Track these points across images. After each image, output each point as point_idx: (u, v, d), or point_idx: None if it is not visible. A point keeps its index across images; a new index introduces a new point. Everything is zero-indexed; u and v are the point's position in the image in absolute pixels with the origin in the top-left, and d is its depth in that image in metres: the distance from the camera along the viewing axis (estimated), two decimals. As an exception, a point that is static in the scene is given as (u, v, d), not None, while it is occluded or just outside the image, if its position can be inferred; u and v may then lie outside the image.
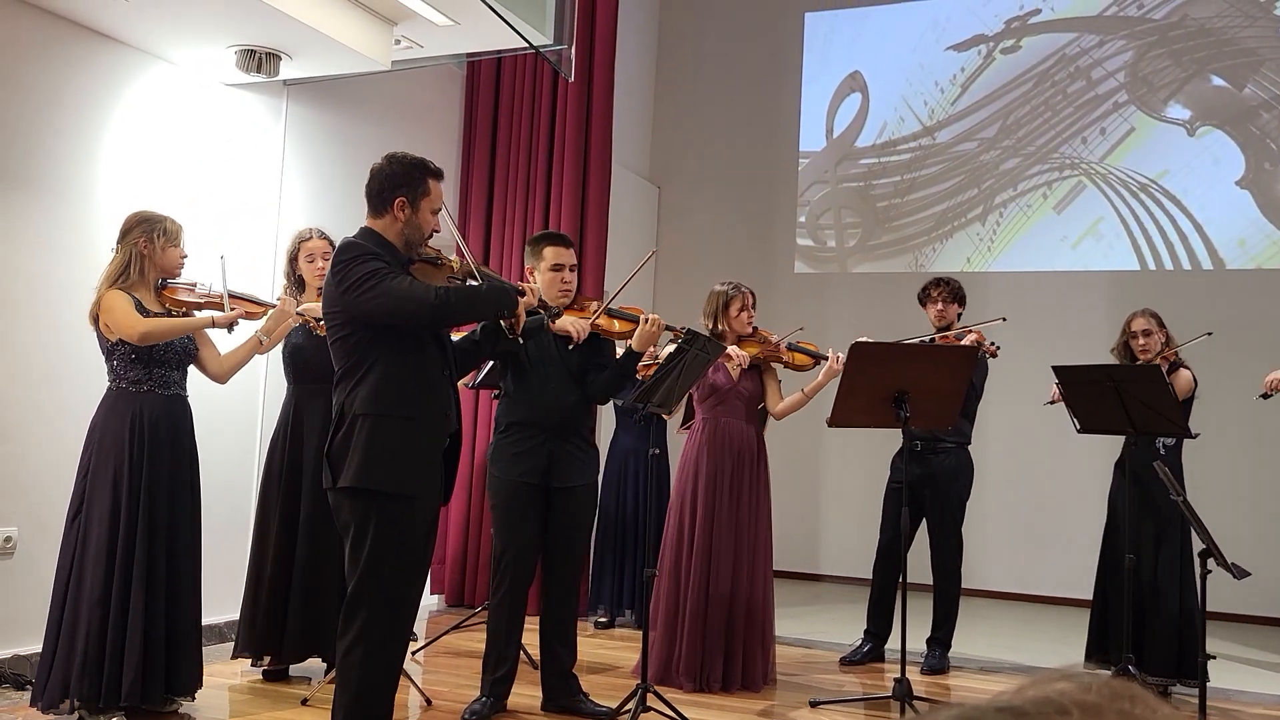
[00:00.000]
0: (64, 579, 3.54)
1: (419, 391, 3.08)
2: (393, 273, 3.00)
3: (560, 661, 4.00)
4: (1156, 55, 7.41)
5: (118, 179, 4.56)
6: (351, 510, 3.01)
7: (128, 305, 3.57)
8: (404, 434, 3.02)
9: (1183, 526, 4.74)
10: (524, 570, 3.92)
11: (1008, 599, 7.28)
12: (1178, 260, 7.27)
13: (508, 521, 3.90)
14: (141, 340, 3.54)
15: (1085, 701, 0.75)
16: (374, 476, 2.98)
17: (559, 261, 4.01)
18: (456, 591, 6.24)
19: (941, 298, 5.16)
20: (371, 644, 2.99)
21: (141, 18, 4.30)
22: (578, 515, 4.01)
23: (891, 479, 5.26)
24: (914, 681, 4.38)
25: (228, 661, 4.58)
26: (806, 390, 4.67)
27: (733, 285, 4.68)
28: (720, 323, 4.61)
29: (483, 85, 6.58)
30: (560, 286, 3.99)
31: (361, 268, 2.98)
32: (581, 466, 4.00)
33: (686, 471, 4.59)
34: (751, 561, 4.54)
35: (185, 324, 3.67)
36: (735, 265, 8.03)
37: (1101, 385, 4.45)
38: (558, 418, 3.92)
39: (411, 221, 3.14)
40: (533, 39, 4.84)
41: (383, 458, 2.98)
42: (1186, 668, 4.68)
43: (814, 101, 8.34)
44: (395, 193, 3.12)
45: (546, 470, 3.89)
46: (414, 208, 3.14)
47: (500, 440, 3.96)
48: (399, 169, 3.14)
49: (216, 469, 4.78)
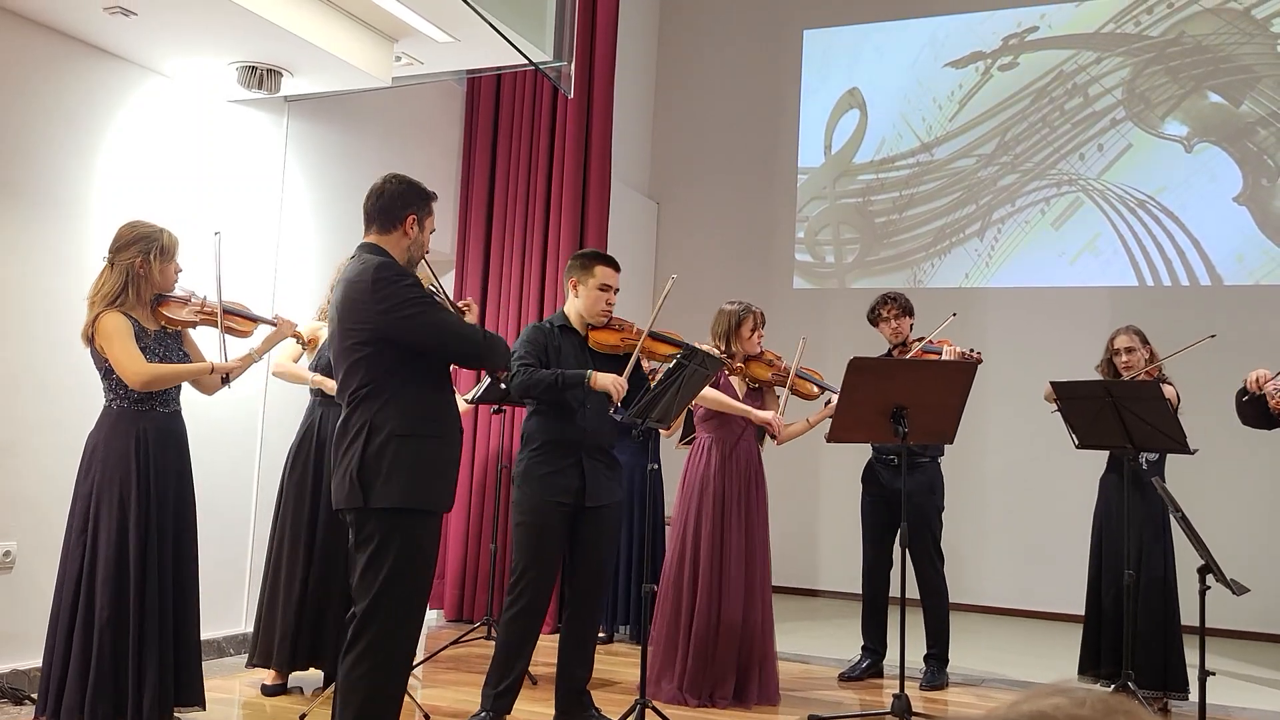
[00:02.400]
0: (70, 598, 3.49)
1: (445, 410, 3.19)
2: (435, 304, 3.12)
3: (577, 678, 3.99)
4: (1153, 72, 7.45)
5: (115, 193, 4.58)
6: (378, 527, 3.01)
7: (126, 338, 3.49)
8: (437, 453, 3.10)
9: (1165, 541, 4.76)
10: (545, 589, 3.91)
11: (1007, 614, 7.27)
12: (1175, 276, 7.29)
13: (537, 541, 3.87)
14: (141, 388, 3.50)
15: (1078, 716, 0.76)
16: (417, 497, 3.03)
17: (608, 283, 4.06)
18: (456, 606, 6.23)
19: (893, 315, 5.16)
20: (378, 660, 2.99)
21: (144, 34, 4.33)
22: (608, 532, 4.02)
23: (866, 493, 5.26)
24: (912, 697, 4.37)
25: (226, 676, 4.57)
26: (811, 420, 4.73)
27: (743, 306, 4.67)
28: (732, 343, 4.62)
29: (483, 102, 6.61)
30: (604, 307, 4.05)
31: (406, 291, 3.05)
32: (611, 485, 4.02)
33: (692, 491, 4.58)
34: (757, 581, 4.55)
35: (186, 371, 3.64)
36: (734, 281, 8.06)
37: (1099, 400, 4.45)
38: (595, 438, 3.95)
39: (417, 240, 3.23)
40: (533, 56, 4.86)
41: (425, 477, 3.05)
42: (1172, 680, 4.68)
43: (812, 118, 8.37)
44: (407, 210, 3.19)
45: (581, 490, 3.89)
46: (421, 226, 3.23)
47: (532, 458, 3.92)
48: (408, 188, 3.22)
49: (213, 483, 4.79)
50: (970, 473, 7.30)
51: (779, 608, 4.75)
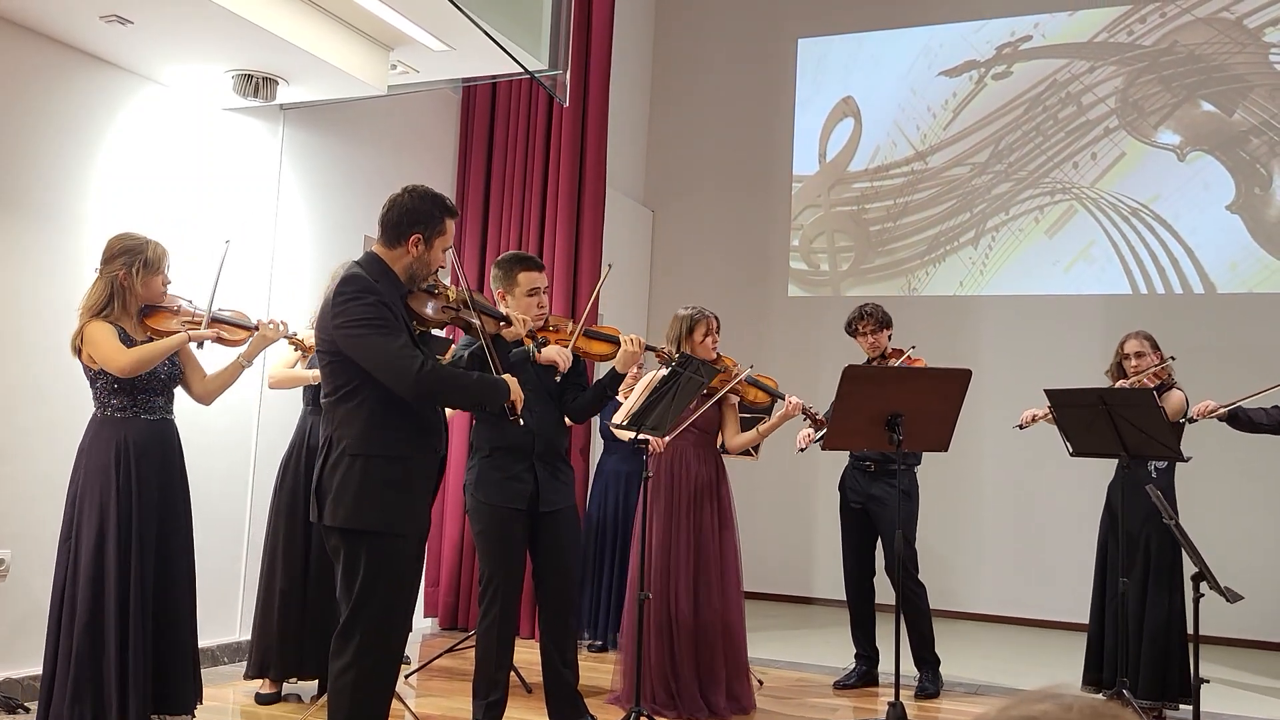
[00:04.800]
0: (58, 604, 3.52)
1: (411, 429, 3.05)
2: (388, 326, 2.97)
3: (565, 681, 3.97)
4: (1147, 81, 7.48)
5: (111, 201, 4.58)
6: (340, 543, 3.00)
7: (110, 337, 3.52)
8: (395, 474, 3.00)
9: (1172, 551, 4.76)
10: (514, 595, 3.90)
11: (1002, 622, 7.27)
12: (1169, 284, 7.31)
13: (499, 548, 3.85)
14: (128, 373, 3.51)
15: (1066, 721, 0.76)
16: (365, 519, 2.96)
17: (535, 286, 3.94)
18: (450, 615, 6.22)
19: (870, 329, 5.17)
20: (364, 669, 2.99)
21: (140, 42, 4.33)
22: (567, 535, 3.98)
23: (844, 501, 5.26)
24: (907, 705, 4.37)
25: (221, 685, 4.56)
26: (761, 429, 4.61)
27: (697, 310, 4.61)
28: (684, 347, 4.52)
29: (478, 110, 6.62)
30: (536, 311, 3.93)
31: (360, 309, 2.96)
32: (565, 488, 3.97)
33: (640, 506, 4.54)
34: (720, 590, 4.48)
35: (165, 346, 3.64)
36: (729, 288, 8.07)
37: (1094, 408, 4.46)
38: (542, 441, 3.89)
39: (422, 258, 3.13)
40: (528, 64, 4.87)
41: (374, 499, 2.96)
42: (1171, 691, 4.69)
43: (807, 126, 8.40)
44: (412, 229, 3.09)
45: (534, 495, 3.86)
46: (427, 245, 3.13)
47: (483, 464, 3.88)
48: (420, 205, 3.11)
49: (208, 493, 4.78)
50: (965, 480, 7.31)
51: (774, 616, 4.75)
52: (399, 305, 3.09)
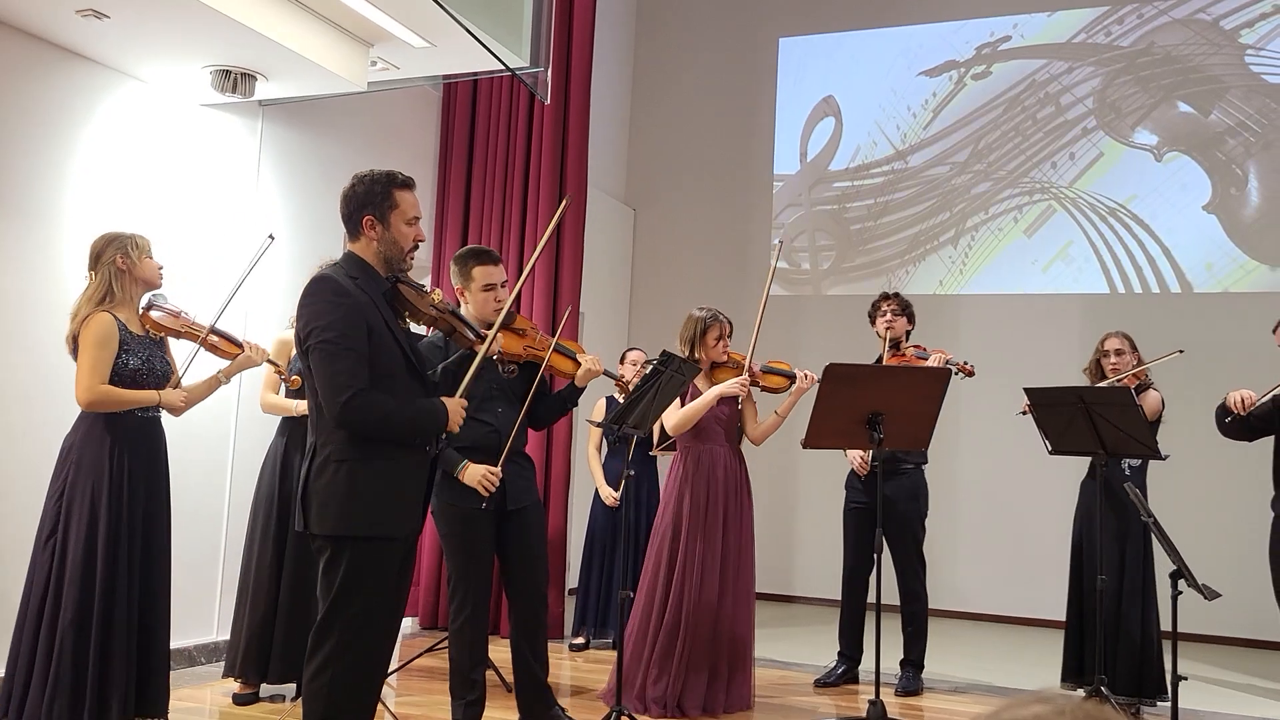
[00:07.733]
0: (38, 602, 3.48)
1: None
2: (339, 340, 2.86)
3: (535, 676, 3.97)
4: (1124, 82, 7.52)
5: (88, 198, 4.53)
6: (325, 545, 2.95)
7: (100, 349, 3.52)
8: (384, 477, 2.94)
9: (1146, 548, 4.80)
10: (483, 595, 3.92)
11: (982, 620, 7.31)
12: (1146, 284, 7.36)
13: (468, 548, 3.87)
14: (87, 406, 3.53)
15: (1058, 724, 0.76)
16: (352, 525, 2.90)
17: (491, 281, 3.88)
18: (430, 614, 6.20)
19: (891, 310, 5.21)
20: (338, 670, 2.91)
21: (117, 37, 4.29)
22: (534, 530, 4.02)
23: (849, 500, 5.27)
24: (888, 703, 4.39)
25: (197, 685, 4.53)
26: (780, 411, 4.68)
27: (710, 313, 4.64)
28: (697, 349, 4.59)
29: (459, 107, 6.59)
30: (494, 306, 3.86)
31: (316, 318, 2.89)
32: (529, 485, 4.03)
33: (669, 501, 4.57)
34: (736, 589, 4.53)
35: (135, 398, 3.60)
36: (710, 287, 8.07)
37: (1072, 407, 4.49)
38: (506, 439, 3.88)
39: (385, 238, 3.03)
40: (509, 62, 4.86)
41: (361, 504, 2.90)
42: (1148, 687, 4.73)
43: (788, 125, 8.41)
44: (362, 212, 3.02)
45: (502, 494, 3.86)
46: (385, 223, 3.03)
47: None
48: (362, 188, 3.04)
49: (186, 494, 4.75)
50: (945, 479, 7.33)
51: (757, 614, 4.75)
52: (379, 303, 3.02)
